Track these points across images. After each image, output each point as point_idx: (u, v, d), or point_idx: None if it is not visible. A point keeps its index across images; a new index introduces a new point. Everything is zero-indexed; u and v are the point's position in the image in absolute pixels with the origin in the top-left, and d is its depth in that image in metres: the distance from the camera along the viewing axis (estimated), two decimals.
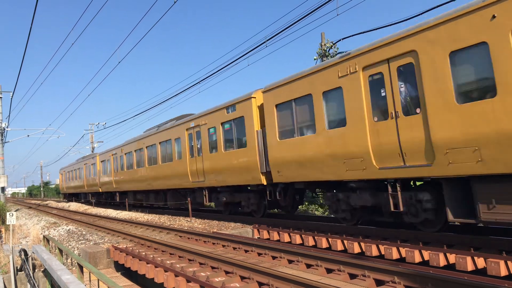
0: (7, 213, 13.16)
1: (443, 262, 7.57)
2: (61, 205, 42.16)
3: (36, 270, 10.87)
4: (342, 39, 18.22)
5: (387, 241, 9.16)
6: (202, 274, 7.68)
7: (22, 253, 11.21)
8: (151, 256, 9.71)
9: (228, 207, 16.78)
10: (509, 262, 6.71)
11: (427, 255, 7.93)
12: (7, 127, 34.68)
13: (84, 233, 15.84)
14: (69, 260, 11.19)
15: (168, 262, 8.95)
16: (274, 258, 8.83)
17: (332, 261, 7.37)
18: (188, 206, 17.91)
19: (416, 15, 12.35)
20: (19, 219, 25.86)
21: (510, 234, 8.75)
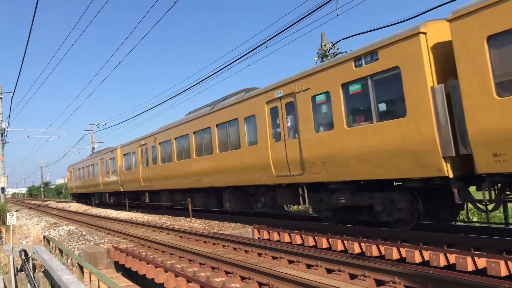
0: (7, 214, 13.17)
1: (443, 262, 7.57)
2: (61, 205, 42.18)
3: (37, 271, 10.87)
4: (342, 39, 18.21)
5: (387, 241, 9.16)
6: (202, 274, 7.68)
7: (23, 253, 11.21)
8: (152, 256, 9.71)
9: (343, 213, 11.49)
10: (509, 262, 6.70)
11: (427, 255, 7.92)
12: (7, 128, 34.70)
13: (84, 233, 15.84)
14: (69, 261, 11.19)
15: (168, 262, 8.96)
16: (274, 258, 8.83)
17: (332, 261, 7.37)
18: (188, 206, 17.84)
19: (416, 15, 12.34)
20: (19, 219, 25.88)
21: (511, 234, 8.74)
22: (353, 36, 16.69)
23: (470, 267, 7.09)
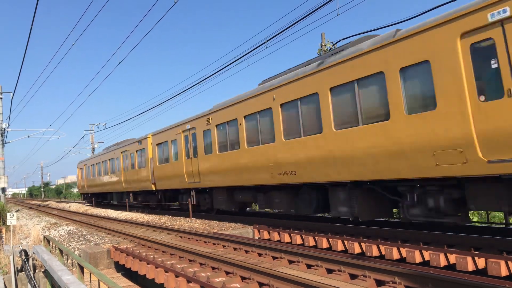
0: (8, 214, 13.17)
1: (443, 262, 7.57)
2: (61, 205, 42.18)
3: (37, 271, 10.88)
4: (342, 39, 18.14)
5: (387, 241, 9.16)
6: (203, 274, 7.68)
7: (23, 253, 11.22)
8: (152, 256, 9.71)
9: None
10: (509, 262, 6.71)
11: (427, 255, 7.93)
12: (8, 128, 34.71)
13: (84, 233, 15.85)
14: (69, 261, 11.19)
15: (168, 262, 8.96)
16: (274, 258, 8.83)
17: (332, 261, 7.37)
18: (189, 207, 17.81)
19: (416, 15, 12.33)
20: (20, 219, 25.88)
21: (511, 234, 8.74)
22: (353, 36, 16.62)
23: (471, 267, 7.09)
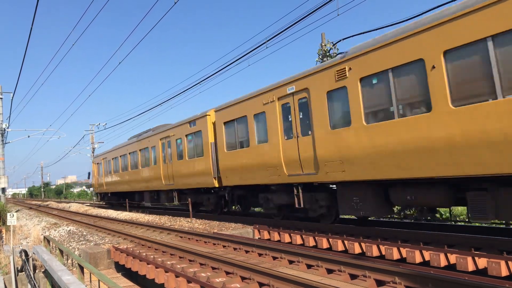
0: (8, 214, 13.17)
1: (443, 263, 7.57)
2: (61, 206, 42.18)
3: (37, 271, 10.87)
4: (343, 39, 18.16)
5: (387, 241, 9.16)
6: (203, 274, 7.68)
7: (23, 253, 11.21)
8: (152, 256, 9.71)
9: None
10: (509, 262, 6.70)
11: (427, 255, 7.92)
12: (8, 128, 34.71)
13: (84, 233, 15.85)
14: (69, 261, 11.19)
15: (168, 262, 8.95)
16: (274, 258, 8.83)
17: (332, 261, 7.37)
18: (189, 207, 17.77)
19: (416, 15, 12.33)
20: (20, 219, 25.88)
21: (511, 234, 8.74)
22: (353, 36, 16.66)
23: (471, 267, 7.09)
